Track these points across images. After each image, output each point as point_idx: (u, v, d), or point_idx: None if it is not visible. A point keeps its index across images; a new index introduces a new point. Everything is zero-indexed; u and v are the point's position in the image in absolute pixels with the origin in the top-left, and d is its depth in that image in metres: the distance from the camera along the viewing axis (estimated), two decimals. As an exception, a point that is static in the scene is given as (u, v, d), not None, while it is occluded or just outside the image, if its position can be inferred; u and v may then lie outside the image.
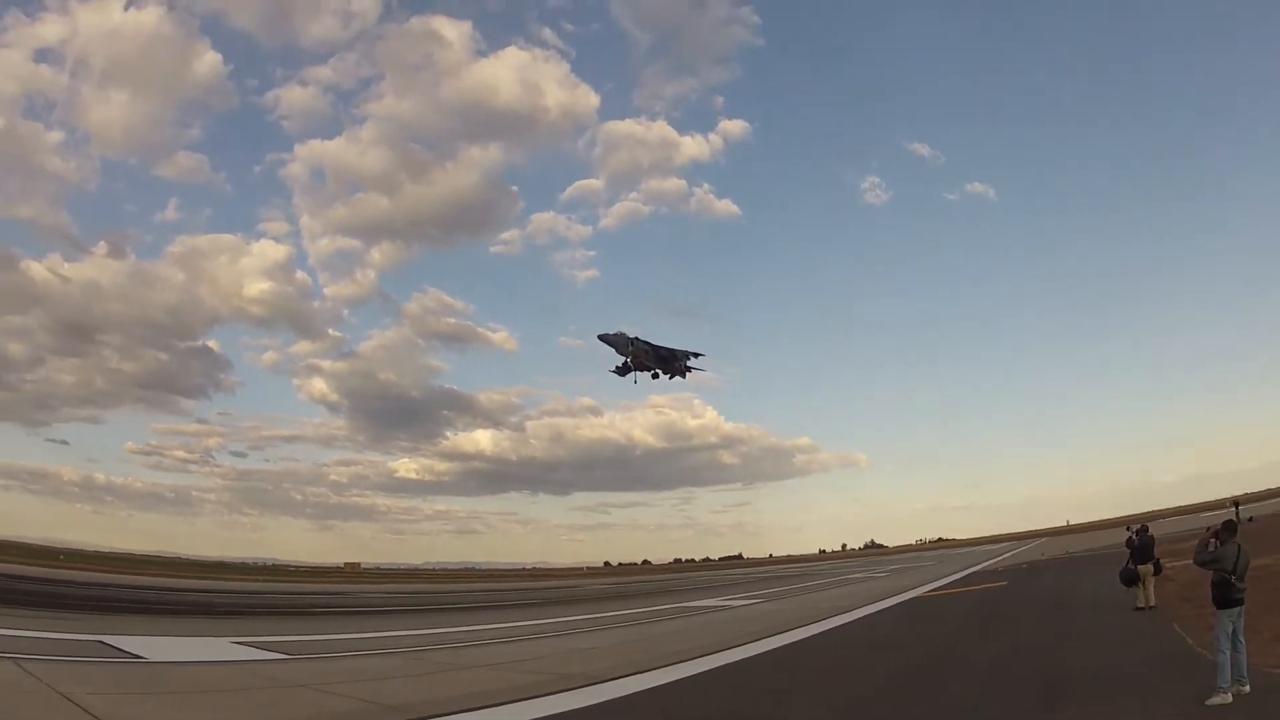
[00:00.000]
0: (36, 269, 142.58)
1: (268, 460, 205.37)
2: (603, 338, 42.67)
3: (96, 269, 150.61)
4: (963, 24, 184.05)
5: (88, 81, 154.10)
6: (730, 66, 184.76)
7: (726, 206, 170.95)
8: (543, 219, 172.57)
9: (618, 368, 42.55)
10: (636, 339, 41.94)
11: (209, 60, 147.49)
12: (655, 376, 43.81)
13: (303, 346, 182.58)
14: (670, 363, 43.49)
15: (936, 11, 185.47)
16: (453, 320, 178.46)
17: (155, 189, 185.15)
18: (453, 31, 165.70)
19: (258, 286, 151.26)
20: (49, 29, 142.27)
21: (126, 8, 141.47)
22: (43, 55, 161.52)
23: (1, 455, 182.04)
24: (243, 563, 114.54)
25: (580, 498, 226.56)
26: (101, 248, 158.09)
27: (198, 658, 11.29)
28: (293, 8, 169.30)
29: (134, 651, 10.70)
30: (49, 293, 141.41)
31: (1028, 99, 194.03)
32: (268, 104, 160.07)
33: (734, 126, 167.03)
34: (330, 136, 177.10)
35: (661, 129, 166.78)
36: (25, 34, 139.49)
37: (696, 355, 44.52)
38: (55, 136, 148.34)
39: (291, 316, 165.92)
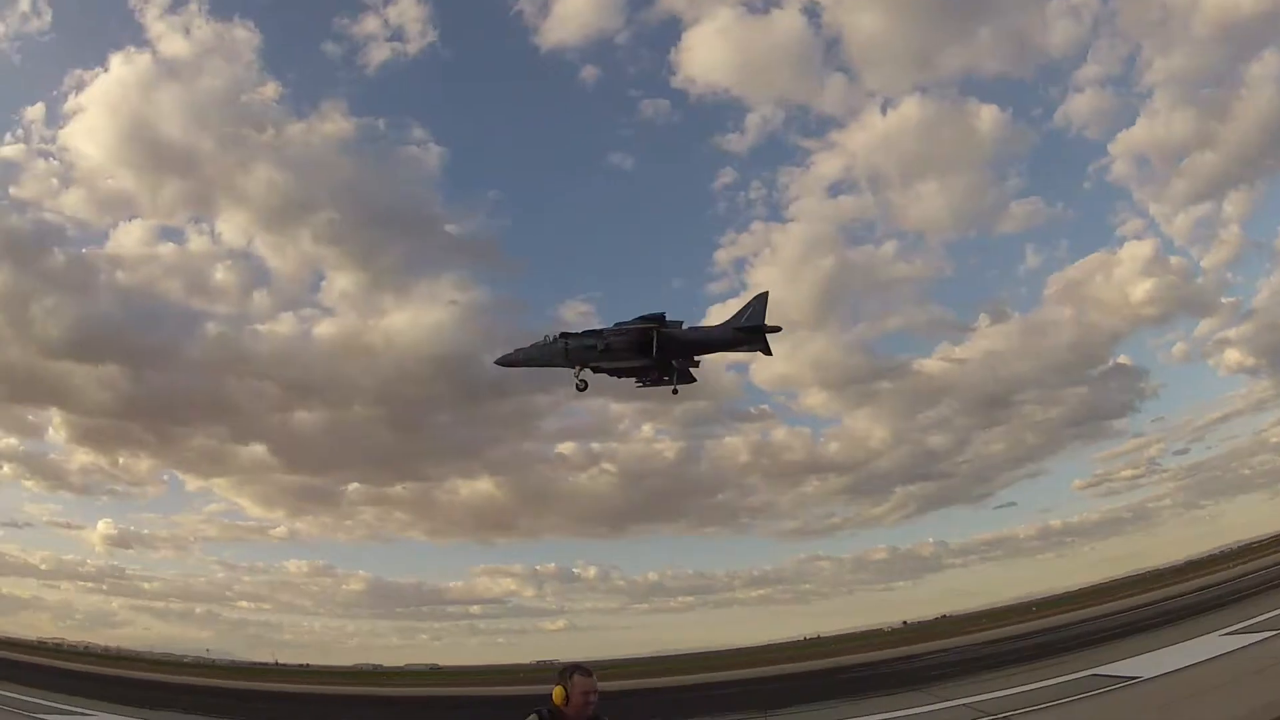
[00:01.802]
0: (929, 364, 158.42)
1: (1209, 447, 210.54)
2: (505, 361, 30.05)
3: (987, 339, 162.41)
4: None
5: (890, 190, 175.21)
6: None
7: None
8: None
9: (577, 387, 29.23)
10: (566, 335, 28.68)
11: (986, 115, 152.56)
12: (642, 382, 29.91)
13: (1203, 327, 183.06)
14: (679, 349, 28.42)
15: None
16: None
17: (1004, 248, 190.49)
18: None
19: (1141, 288, 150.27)
20: (826, 168, 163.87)
21: (884, 111, 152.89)
22: (836, 189, 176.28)
23: (957, 536, 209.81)
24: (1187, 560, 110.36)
25: None
26: (983, 320, 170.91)
27: (1189, 661, 13.10)
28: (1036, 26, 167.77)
29: (1128, 674, 13.08)
30: (950, 380, 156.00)
31: None
32: (1059, 123, 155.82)
33: None
34: (1130, 123, 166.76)
35: None
36: (806, 180, 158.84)
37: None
38: (889, 248, 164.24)
39: (1182, 302, 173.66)
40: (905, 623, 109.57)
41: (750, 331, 27.75)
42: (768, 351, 27.99)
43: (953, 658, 31.25)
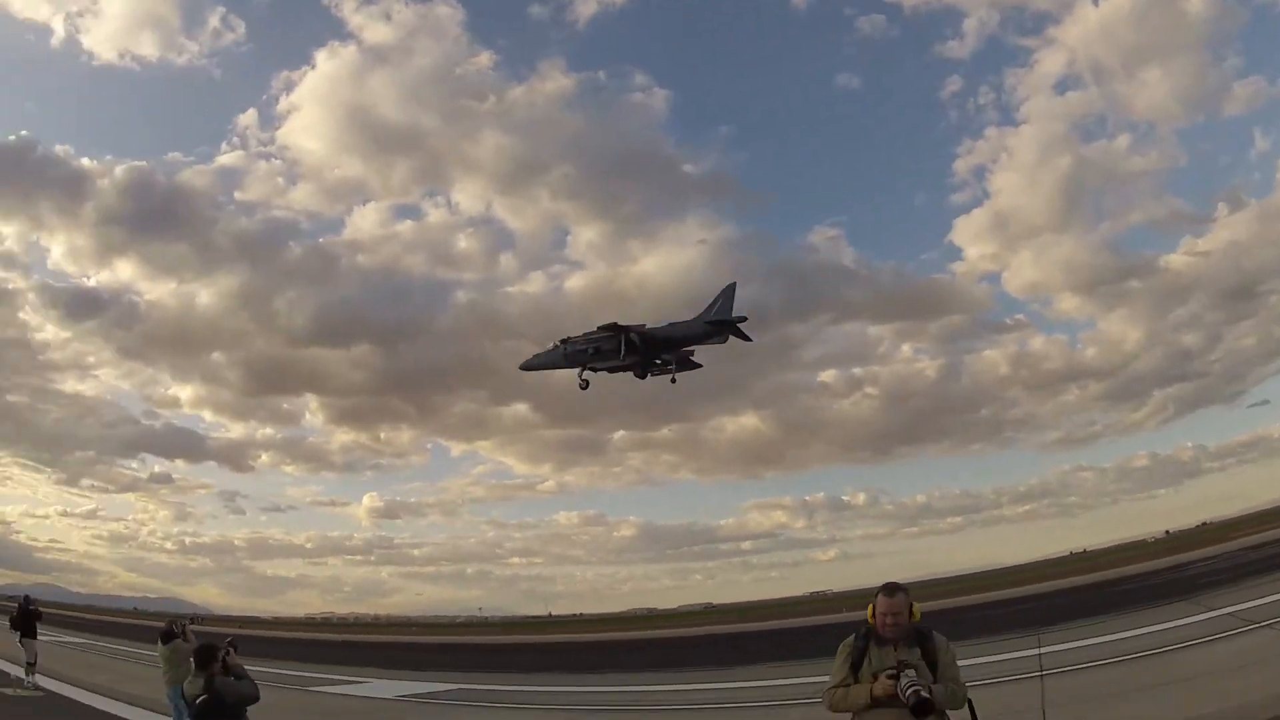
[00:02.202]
0: (1175, 259, 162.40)
1: None
2: (526, 366, 34.29)
3: (1228, 229, 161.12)
4: None
5: (1114, 81, 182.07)
6: None
7: None
8: None
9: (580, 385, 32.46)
10: (565, 340, 31.78)
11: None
12: (641, 375, 31.85)
13: None
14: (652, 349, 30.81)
15: None
16: None
17: (1233, 132, 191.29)
18: None
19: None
20: (1049, 65, 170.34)
21: (1095, 2, 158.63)
22: (1062, 85, 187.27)
23: (1214, 439, 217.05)
24: None
25: None
26: (1222, 209, 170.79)
27: None
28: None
29: None
30: (1196, 273, 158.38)
31: None
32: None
33: None
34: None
35: None
36: (1032, 80, 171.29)
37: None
38: (1122, 141, 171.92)
39: None
40: (1168, 532, 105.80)
41: (720, 324, 29.37)
42: (746, 338, 29.79)
43: (1217, 566, 31.66)
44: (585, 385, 32.43)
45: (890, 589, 5.26)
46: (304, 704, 16.12)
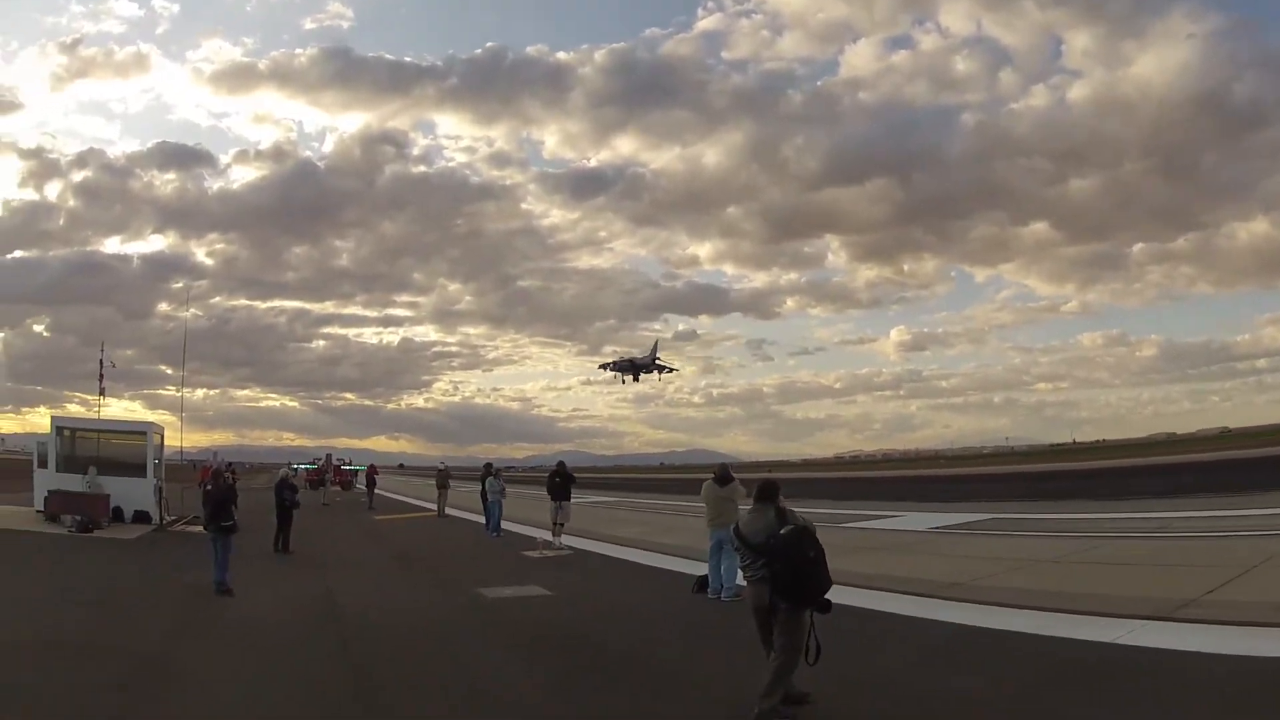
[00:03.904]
0: None
1: None
2: (610, 367, 76.43)
3: None
4: None
5: None
6: None
7: None
8: None
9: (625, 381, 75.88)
10: (612, 363, 75.95)
11: None
12: (636, 379, 74.44)
13: None
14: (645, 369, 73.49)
15: None
16: None
17: None
18: None
19: None
20: None
21: None
22: None
23: None
24: None
25: None
26: None
27: None
28: None
29: None
30: None
31: None
32: None
33: None
34: None
35: None
36: None
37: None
38: None
39: None
40: None
41: (654, 358, 71.88)
42: (670, 369, 74.72)
43: None
44: (624, 382, 75.21)
45: None
46: (842, 540, 15.48)
